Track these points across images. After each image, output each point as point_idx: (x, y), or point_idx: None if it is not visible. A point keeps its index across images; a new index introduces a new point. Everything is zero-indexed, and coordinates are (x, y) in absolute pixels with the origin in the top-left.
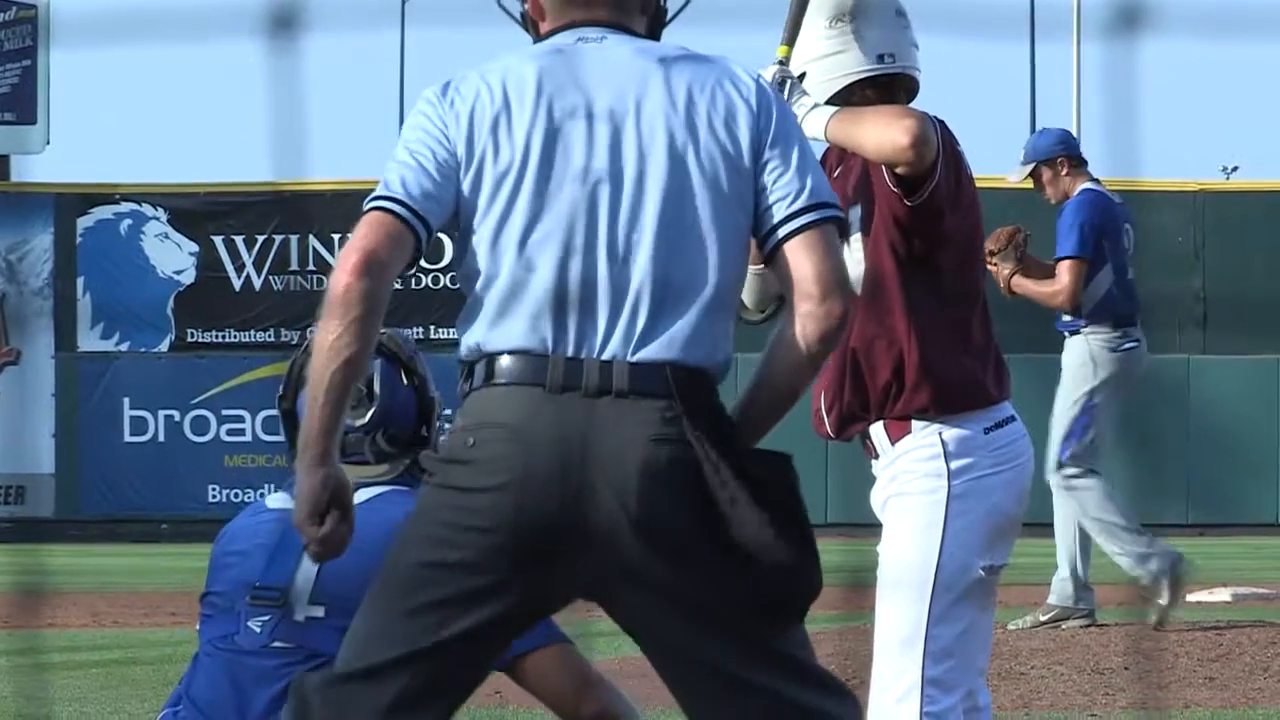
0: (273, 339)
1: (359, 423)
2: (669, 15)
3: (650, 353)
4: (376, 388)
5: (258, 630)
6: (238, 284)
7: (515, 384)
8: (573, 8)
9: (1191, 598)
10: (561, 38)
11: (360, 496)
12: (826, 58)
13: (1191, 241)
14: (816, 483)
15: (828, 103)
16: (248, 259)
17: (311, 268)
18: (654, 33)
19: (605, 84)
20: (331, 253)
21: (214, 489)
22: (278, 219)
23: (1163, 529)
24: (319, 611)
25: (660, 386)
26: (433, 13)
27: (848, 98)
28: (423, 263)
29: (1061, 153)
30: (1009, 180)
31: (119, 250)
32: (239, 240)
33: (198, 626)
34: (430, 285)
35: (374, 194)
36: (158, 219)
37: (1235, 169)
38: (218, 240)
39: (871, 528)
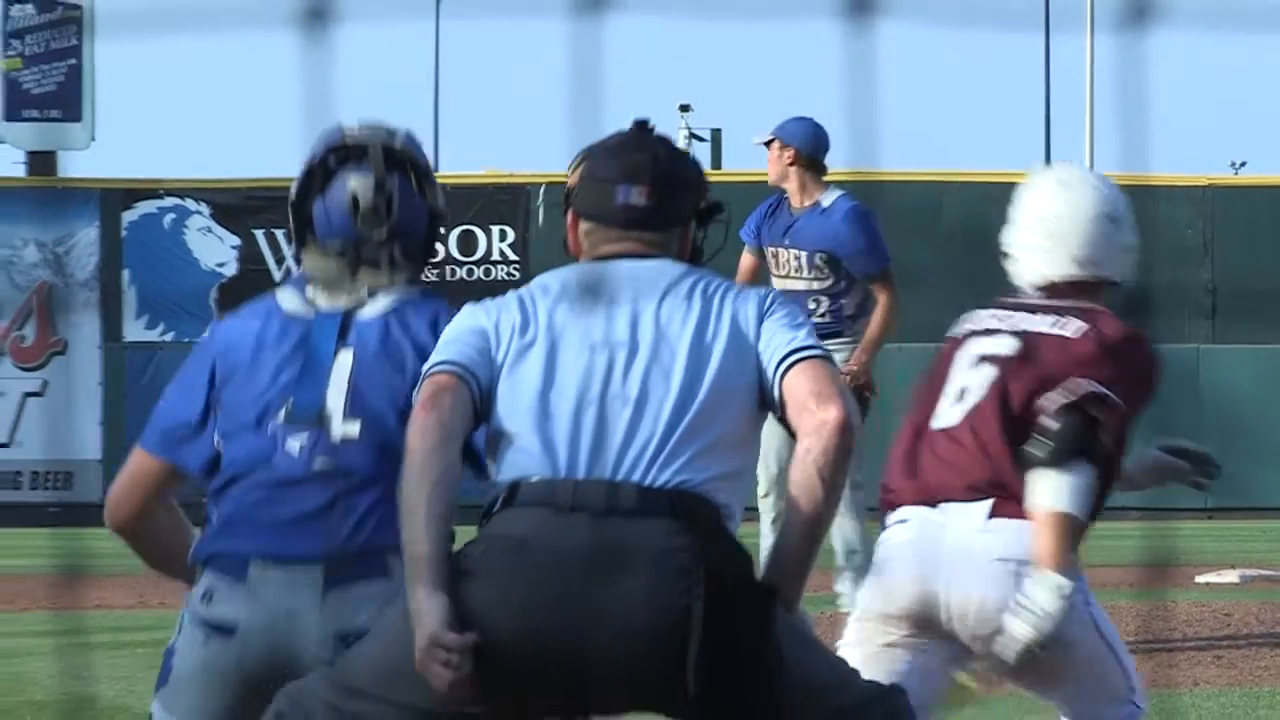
0: None
1: (379, 235)
2: (704, 257)
3: (657, 479)
4: (395, 201)
5: (296, 452)
6: (278, 276)
7: (528, 504)
8: (606, 243)
9: (1200, 579)
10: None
11: (385, 302)
12: (1033, 250)
13: (1201, 234)
14: None
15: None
16: (288, 252)
17: None
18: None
19: (629, 284)
20: None
21: None
22: None
23: (1176, 513)
24: (355, 429)
25: (665, 508)
26: (466, 4)
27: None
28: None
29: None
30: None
31: (163, 243)
32: (279, 234)
33: (216, 444)
34: (448, 277)
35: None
36: (200, 213)
37: (1244, 164)
38: (258, 234)
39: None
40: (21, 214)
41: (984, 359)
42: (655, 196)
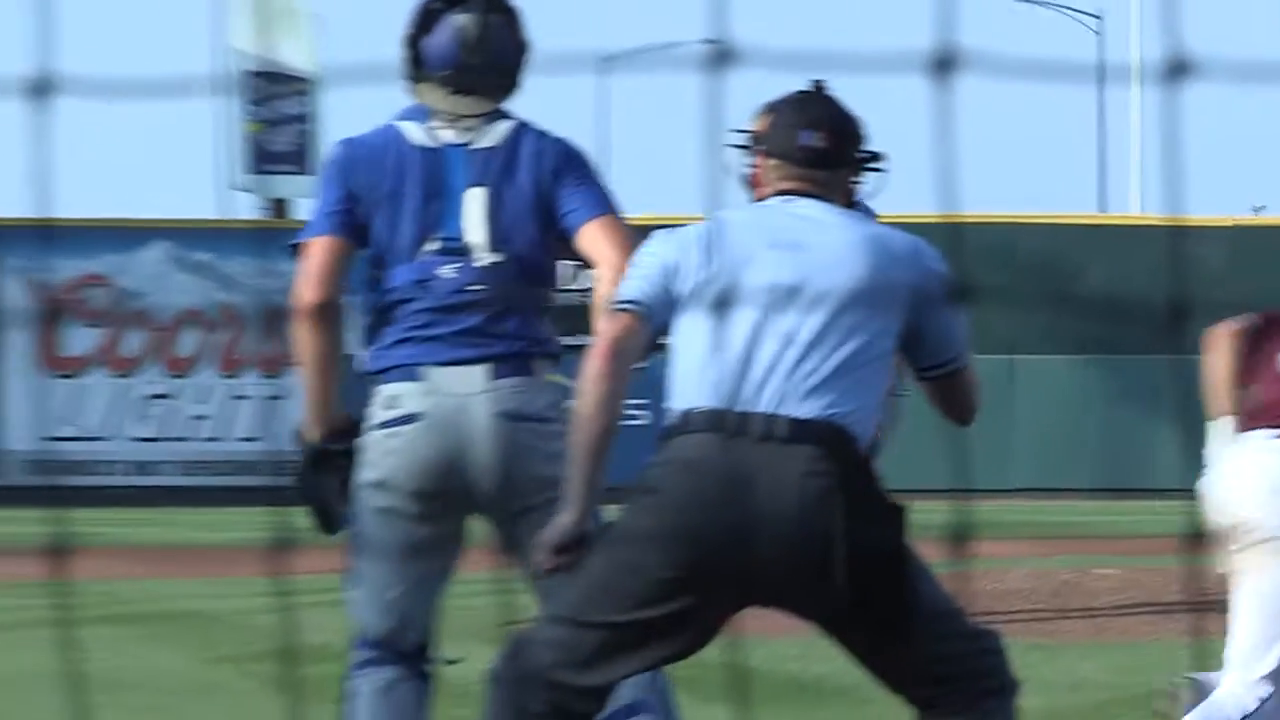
0: None
1: (481, 65)
2: (858, 199)
3: (806, 411)
4: (493, 35)
5: (451, 276)
6: None
7: (699, 431)
8: (787, 179)
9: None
10: (771, 201)
11: (500, 134)
12: None
13: (1227, 266)
14: (924, 449)
15: None
16: None
17: None
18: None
19: (797, 228)
20: None
21: None
22: None
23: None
24: (497, 257)
25: (812, 437)
26: (629, 63)
27: None
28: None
29: None
30: None
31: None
32: None
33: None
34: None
35: (612, 300)
36: None
37: (1263, 207)
38: None
39: (968, 491)
40: (266, 251)
41: None
42: (830, 140)
